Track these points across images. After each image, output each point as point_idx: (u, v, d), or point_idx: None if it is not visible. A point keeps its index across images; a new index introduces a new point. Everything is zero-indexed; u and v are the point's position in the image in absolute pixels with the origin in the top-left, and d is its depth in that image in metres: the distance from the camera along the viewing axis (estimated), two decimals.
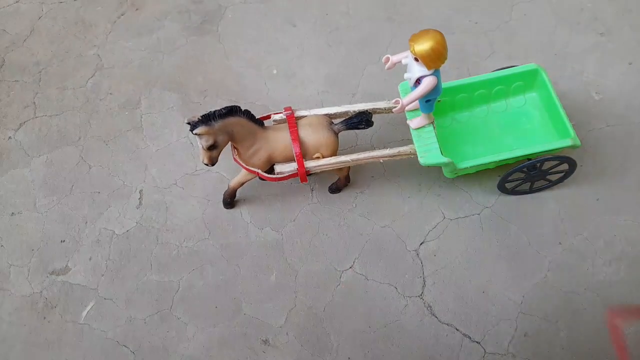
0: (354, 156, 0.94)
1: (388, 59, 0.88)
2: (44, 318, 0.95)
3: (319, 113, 0.97)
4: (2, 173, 1.10)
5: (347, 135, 1.08)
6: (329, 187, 1.04)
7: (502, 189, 0.99)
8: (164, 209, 1.01)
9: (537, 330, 0.90)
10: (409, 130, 0.94)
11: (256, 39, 1.25)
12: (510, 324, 0.90)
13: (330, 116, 0.98)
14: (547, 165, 0.95)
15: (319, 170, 0.93)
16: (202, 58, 1.22)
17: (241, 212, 1.01)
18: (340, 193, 1.04)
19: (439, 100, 0.95)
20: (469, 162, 0.91)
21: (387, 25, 1.25)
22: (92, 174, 1.09)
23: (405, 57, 0.87)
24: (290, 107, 0.94)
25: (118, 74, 1.21)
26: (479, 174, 1.03)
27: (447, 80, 0.96)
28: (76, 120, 1.16)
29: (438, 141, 0.91)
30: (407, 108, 0.93)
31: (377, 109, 0.98)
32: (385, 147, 0.97)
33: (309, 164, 0.91)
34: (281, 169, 0.93)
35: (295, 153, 0.89)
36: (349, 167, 1.01)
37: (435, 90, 0.85)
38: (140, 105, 1.17)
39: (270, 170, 0.95)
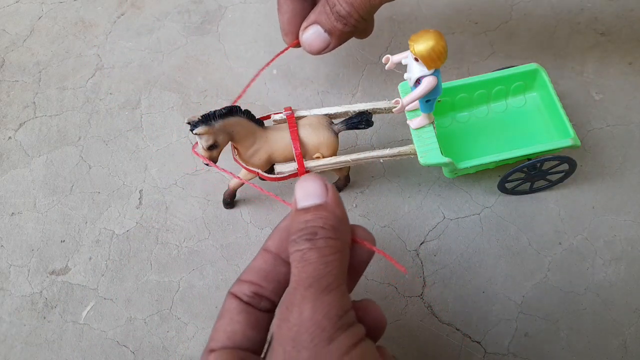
0: (354, 156, 0.94)
1: (388, 59, 0.87)
2: (44, 318, 0.95)
3: (319, 113, 0.97)
4: (2, 173, 1.09)
5: (347, 135, 1.08)
6: None
7: (502, 189, 0.99)
8: (164, 209, 1.01)
9: (537, 330, 0.89)
10: (409, 130, 0.93)
11: (256, 39, 1.24)
12: (510, 324, 0.89)
13: (330, 116, 0.97)
14: (547, 165, 0.95)
15: (319, 170, 0.93)
16: (202, 58, 1.22)
17: (241, 212, 1.01)
18: (341, 193, 1.04)
19: (439, 100, 0.94)
20: (469, 162, 0.90)
21: (387, 25, 1.25)
22: (92, 174, 1.08)
23: (405, 57, 0.87)
24: (290, 107, 0.94)
25: (118, 74, 1.21)
26: (479, 174, 1.02)
27: (447, 80, 0.95)
28: (76, 120, 1.16)
29: (438, 141, 0.90)
30: (407, 108, 0.92)
31: (377, 109, 0.97)
32: (385, 147, 0.96)
33: (309, 164, 0.91)
34: (281, 169, 0.92)
35: (295, 153, 0.89)
36: (349, 167, 1.01)
37: (435, 90, 0.85)
38: (140, 105, 1.17)
39: (271, 170, 0.95)
